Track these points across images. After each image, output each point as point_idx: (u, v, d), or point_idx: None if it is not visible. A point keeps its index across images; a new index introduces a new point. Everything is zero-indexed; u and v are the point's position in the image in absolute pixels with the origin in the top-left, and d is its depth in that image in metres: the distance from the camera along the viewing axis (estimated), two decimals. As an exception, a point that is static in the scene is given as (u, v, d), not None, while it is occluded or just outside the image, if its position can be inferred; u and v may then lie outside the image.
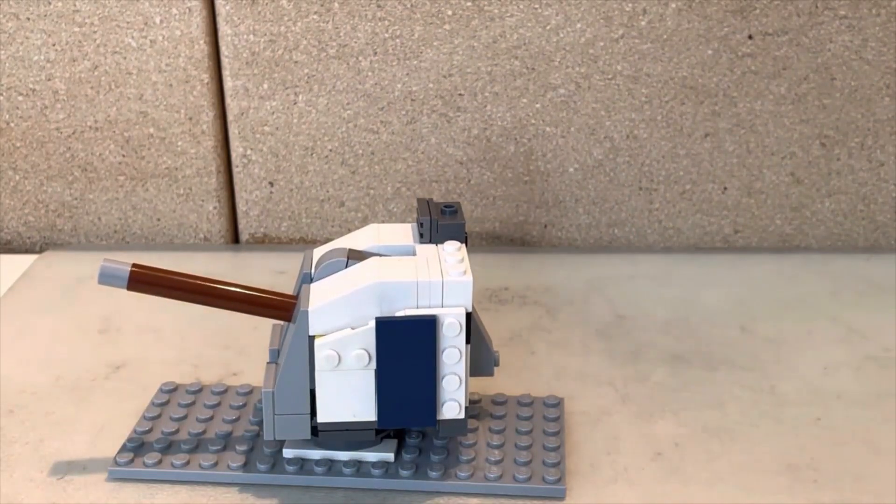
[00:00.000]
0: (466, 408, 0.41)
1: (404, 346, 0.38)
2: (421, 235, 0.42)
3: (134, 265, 0.39)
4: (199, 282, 0.41)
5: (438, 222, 0.42)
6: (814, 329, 0.55)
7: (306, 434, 0.40)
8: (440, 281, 0.39)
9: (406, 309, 0.39)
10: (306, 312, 0.38)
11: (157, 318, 0.56)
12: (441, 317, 0.39)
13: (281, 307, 0.41)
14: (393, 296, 0.39)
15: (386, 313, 0.39)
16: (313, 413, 0.40)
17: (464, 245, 0.42)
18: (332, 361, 0.39)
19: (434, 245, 0.42)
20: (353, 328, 0.39)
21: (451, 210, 0.42)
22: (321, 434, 0.41)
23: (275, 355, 0.42)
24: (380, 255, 0.41)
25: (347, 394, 0.40)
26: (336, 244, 0.42)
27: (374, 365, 0.39)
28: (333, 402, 0.40)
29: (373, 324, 0.38)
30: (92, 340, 0.54)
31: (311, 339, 0.39)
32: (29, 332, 0.55)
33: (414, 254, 0.41)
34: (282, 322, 0.42)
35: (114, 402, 0.48)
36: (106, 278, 0.39)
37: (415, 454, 0.42)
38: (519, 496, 0.41)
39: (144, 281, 0.40)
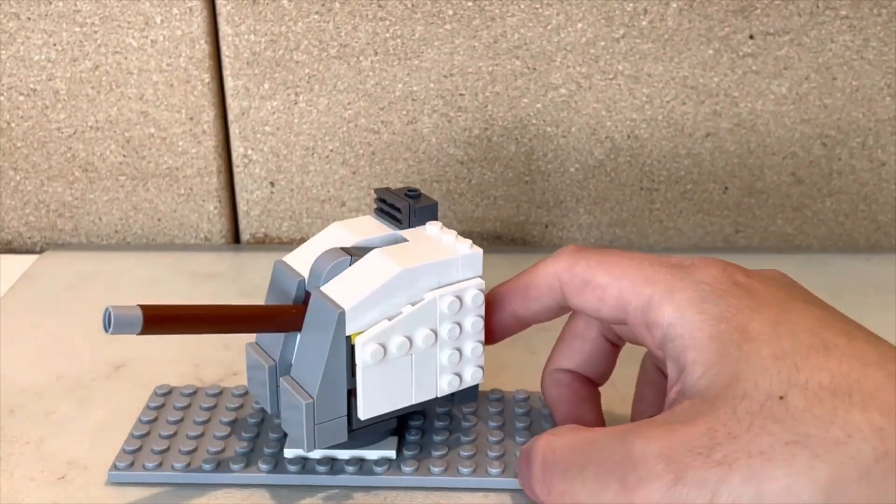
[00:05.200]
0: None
1: None
2: (399, 221, 0.43)
3: (142, 306, 0.36)
4: (213, 311, 0.39)
5: (415, 206, 0.42)
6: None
7: (344, 437, 0.40)
8: (455, 257, 0.40)
9: (430, 290, 0.40)
10: (343, 313, 0.38)
11: (158, 318, 0.56)
12: (465, 289, 0.40)
13: (295, 317, 0.40)
14: (418, 279, 0.39)
15: (414, 298, 0.39)
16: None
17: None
18: (378, 355, 0.39)
19: (416, 228, 0.43)
20: (389, 319, 0.39)
21: (415, 193, 0.43)
22: (352, 433, 0.41)
23: (281, 370, 0.41)
24: (375, 248, 0.41)
25: (390, 384, 0.40)
26: (311, 247, 0.42)
27: (413, 350, 0.40)
28: (377, 395, 0.40)
29: (407, 310, 0.39)
30: (92, 340, 0.54)
31: (348, 338, 0.39)
32: (29, 332, 0.55)
33: (405, 240, 0.42)
34: (253, 340, 0.42)
35: (115, 402, 0.48)
36: (119, 327, 0.35)
37: (416, 451, 0.42)
38: (521, 490, 0.41)
39: (158, 320, 0.36)
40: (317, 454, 0.42)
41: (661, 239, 0.66)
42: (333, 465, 0.41)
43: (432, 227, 0.42)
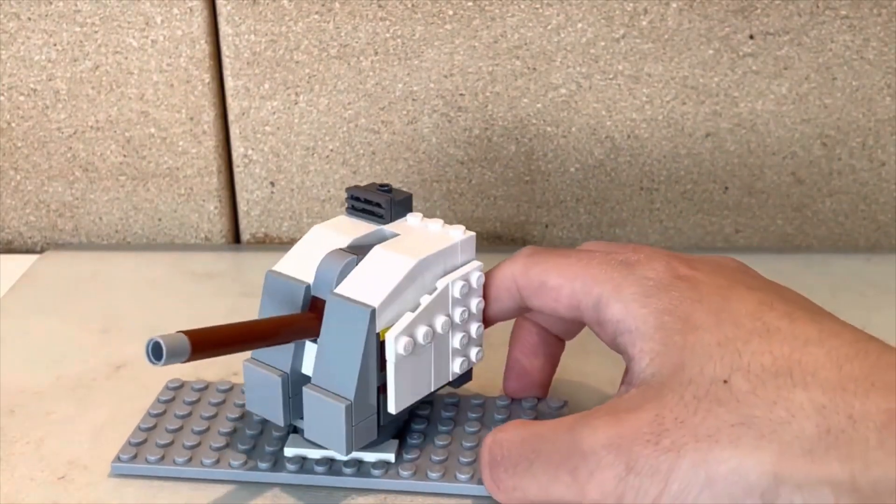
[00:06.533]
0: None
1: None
2: (380, 217, 0.43)
3: (186, 333, 0.35)
4: (250, 327, 0.39)
5: (394, 200, 0.43)
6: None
7: (374, 434, 0.40)
8: (456, 243, 0.41)
9: (438, 277, 0.41)
10: (374, 310, 0.38)
11: (159, 318, 0.56)
12: (470, 272, 0.41)
13: (315, 324, 0.40)
14: (429, 269, 0.40)
15: (427, 287, 0.40)
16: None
17: None
18: (409, 347, 0.39)
19: (397, 221, 0.43)
20: (411, 311, 0.39)
21: (388, 188, 0.44)
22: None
23: (294, 380, 0.41)
24: (375, 246, 0.41)
25: (416, 374, 0.40)
26: (302, 253, 0.42)
27: (434, 338, 0.40)
28: (408, 386, 0.40)
29: (425, 300, 0.40)
30: (93, 340, 0.54)
31: (377, 335, 0.39)
32: (30, 332, 0.55)
33: (394, 233, 0.42)
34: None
35: (115, 402, 0.48)
36: (172, 357, 0.34)
37: (415, 455, 0.42)
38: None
39: (204, 345, 0.35)
40: (316, 454, 0.42)
41: (661, 239, 0.66)
42: (332, 466, 0.41)
43: (413, 218, 0.43)
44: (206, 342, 0.35)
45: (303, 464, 0.42)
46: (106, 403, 0.48)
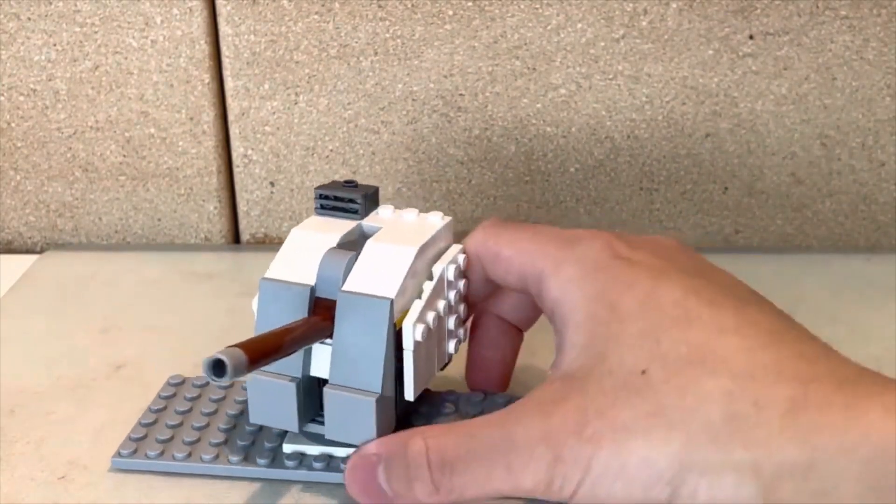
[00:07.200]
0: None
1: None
2: (355, 212, 0.44)
3: (241, 347, 0.35)
4: (289, 333, 0.39)
5: (368, 194, 0.44)
6: (814, 329, 0.55)
7: (394, 424, 0.41)
8: (440, 229, 0.42)
9: (431, 263, 0.41)
10: (392, 302, 0.39)
11: (159, 318, 0.56)
12: (457, 255, 0.42)
13: (330, 324, 0.40)
14: (424, 256, 0.41)
15: (424, 273, 0.41)
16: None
17: None
18: (425, 333, 0.40)
19: (371, 215, 0.44)
20: (418, 298, 0.40)
21: (353, 183, 0.45)
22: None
23: (307, 383, 0.40)
24: (358, 241, 0.42)
25: (428, 359, 0.41)
26: (292, 257, 0.42)
27: (438, 323, 0.41)
28: (422, 372, 0.41)
29: (427, 286, 0.40)
30: (93, 340, 0.54)
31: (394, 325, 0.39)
32: (29, 332, 0.55)
33: (375, 227, 0.43)
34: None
35: (115, 402, 0.48)
36: (236, 371, 0.34)
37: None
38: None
39: (258, 357, 0.36)
40: (315, 451, 0.42)
41: (661, 239, 0.66)
42: (330, 462, 0.41)
43: (385, 211, 0.44)
44: (260, 353, 0.36)
45: (301, 460, 0.42)
46: (106, 403, 0.48)
